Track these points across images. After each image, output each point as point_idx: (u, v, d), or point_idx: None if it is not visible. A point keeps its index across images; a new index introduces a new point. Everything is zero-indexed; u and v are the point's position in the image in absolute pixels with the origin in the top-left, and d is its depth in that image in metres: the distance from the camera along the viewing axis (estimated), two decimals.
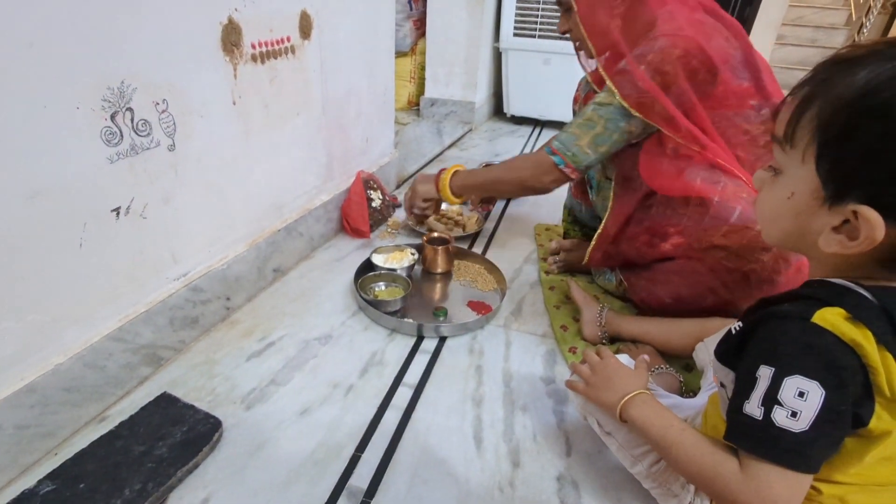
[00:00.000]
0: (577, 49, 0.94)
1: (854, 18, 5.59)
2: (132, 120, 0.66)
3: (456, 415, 0.73)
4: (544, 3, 2.09)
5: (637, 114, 0.78)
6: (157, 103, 0.69)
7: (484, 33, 2.21)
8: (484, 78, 2.39)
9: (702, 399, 0.62)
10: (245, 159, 0.88)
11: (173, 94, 0.71)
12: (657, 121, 0.78)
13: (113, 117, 0.63)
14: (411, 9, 2.30)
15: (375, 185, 1.26)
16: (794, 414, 0.38)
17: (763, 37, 5.50)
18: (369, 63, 1.24)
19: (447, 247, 1.05)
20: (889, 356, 0.37)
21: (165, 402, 0.70)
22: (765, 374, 0.40)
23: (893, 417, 0.38)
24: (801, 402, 0.38)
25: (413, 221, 1.22)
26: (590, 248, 0.95)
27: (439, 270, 1.06)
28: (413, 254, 1.07)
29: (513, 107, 2.39)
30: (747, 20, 5.63)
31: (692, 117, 0.78)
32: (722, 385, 0.51)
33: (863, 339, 0.37)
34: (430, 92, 2.37)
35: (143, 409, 0.69)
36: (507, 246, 1.23)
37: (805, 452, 0.39)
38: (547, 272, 1.09)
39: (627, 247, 0.89)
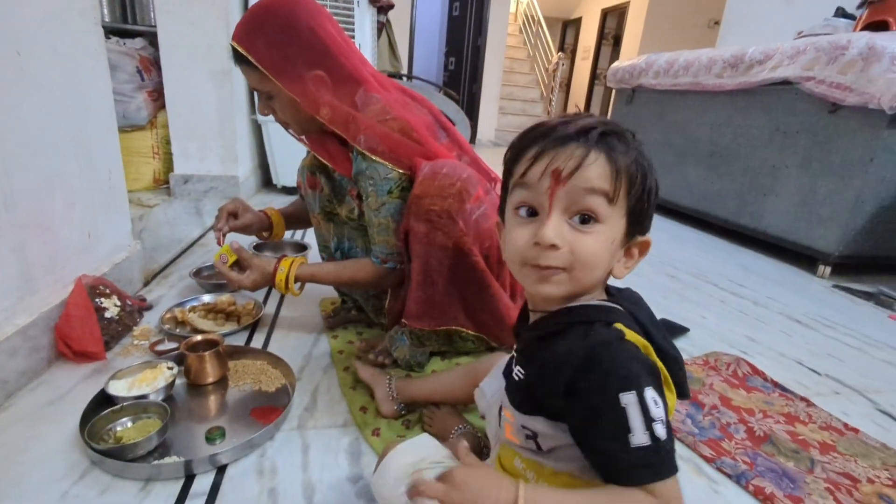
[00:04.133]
0: (286, 128, 0.98)
1: (544, 95, 7.50)
2: None
3: None
4: None
5: (399, 169, 0.89)
6: None
7: (237, 105, 2.10)
8: (245, 150, 2.26)
9: (493, 455, 0.63)
10: None
11: None
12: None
13: None
14: (143, 79, 2.03)
15: (108, 290, 1.00)
16: (662, 422, 0.41)
17: (489, 108, 6.85)
18: (80, 144, 1.01)
19: (217, 349, 0.89)
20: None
21: None
22: (630, 400, 0.40)
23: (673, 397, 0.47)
24: (659, 410, 0.41)
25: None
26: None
27: (210, 380, 0.89)
28: (171, 367, 0.87)
29: (282, 177, 2.31)
30: (476, 95, 6.93)
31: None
32: (529, 437, 0.50)
33: (644, 343, 0.44)
34: (180, 168, 2.10)
35: None
36: (293, 329, 1.12)
37: (674, 454, 0.42)
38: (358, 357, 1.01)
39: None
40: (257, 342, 1.06)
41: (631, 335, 0.45)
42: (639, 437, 0.40)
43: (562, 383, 0.44)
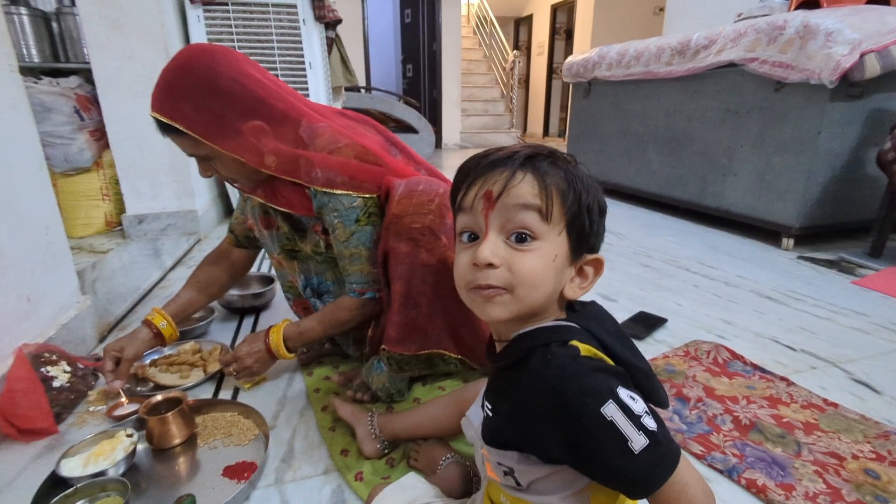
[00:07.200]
0: (232, 183, 0.92)
1: (504, 94, 7.52)
2: None
3: None
4: None
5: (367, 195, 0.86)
6: None
7: None
8: (202, 182, 2.18)
9: (482, 487, 0.62)
10: None
11: None
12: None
13: None
14: (82, 119, 1.93)
15: (55, 357, 0.93)
16: (647, 413, 0.42)
17: (452, 111, 6.85)
18: (6, 203, 0.94)
19: (181, 407, 0.84)
20: None
21: None
22: (611, 410, 0.41)
23: None
24: (639, 403, 0.42)
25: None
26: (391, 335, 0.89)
27: (176, 442, 0.83)
28: (130, 435, 0.81)
29: None
30: (437, 100, 6.92)
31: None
32: (507, 473, 0.50)
33: (600, 355, 0.46)
34: (133, 208, 2.01)
35: None
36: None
37: (670, 435, 0.43)
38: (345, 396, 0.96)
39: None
40: (226, 392, 1.00)
41: (586, 349, 0.45)
42: (638, 441, 0.40)
43: (539, 432, 0.44)
